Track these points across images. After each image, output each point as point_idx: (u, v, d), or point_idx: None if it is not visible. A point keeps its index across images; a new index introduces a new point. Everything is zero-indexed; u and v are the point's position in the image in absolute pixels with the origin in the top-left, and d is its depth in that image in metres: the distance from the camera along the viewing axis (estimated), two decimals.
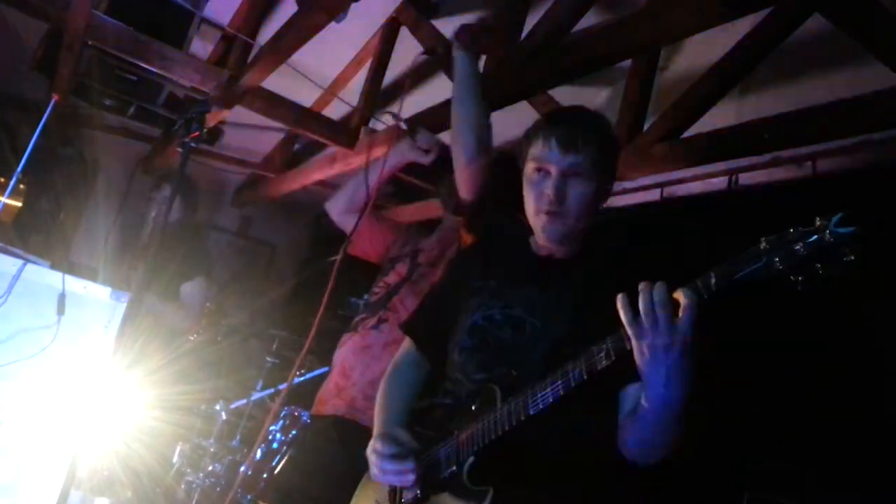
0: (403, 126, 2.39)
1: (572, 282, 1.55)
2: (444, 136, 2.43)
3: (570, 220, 1.54)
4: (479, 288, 1.69)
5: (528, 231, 1.66)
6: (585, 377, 1.28)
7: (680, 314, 1.17)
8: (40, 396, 2.33)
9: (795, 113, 2.39)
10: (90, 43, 3.48)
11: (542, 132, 1.57)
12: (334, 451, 2.21)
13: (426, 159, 2.37)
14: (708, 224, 3.11)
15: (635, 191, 3.58)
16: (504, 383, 1.47)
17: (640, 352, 1.22)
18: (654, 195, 3.51)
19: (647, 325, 1.19)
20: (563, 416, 1.35)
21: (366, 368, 2.25)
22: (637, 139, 2.91)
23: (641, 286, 1.20)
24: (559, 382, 1.31)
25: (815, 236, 1.07)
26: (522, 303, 1.58)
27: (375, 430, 1.68)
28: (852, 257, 1.05)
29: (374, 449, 1.60)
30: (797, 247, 1.08)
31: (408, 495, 1.58)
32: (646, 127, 2.98)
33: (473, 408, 1.50)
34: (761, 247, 1.12)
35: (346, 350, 2.37)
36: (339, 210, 2.59)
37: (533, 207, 1.58)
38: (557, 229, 1.55)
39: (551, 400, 1.32)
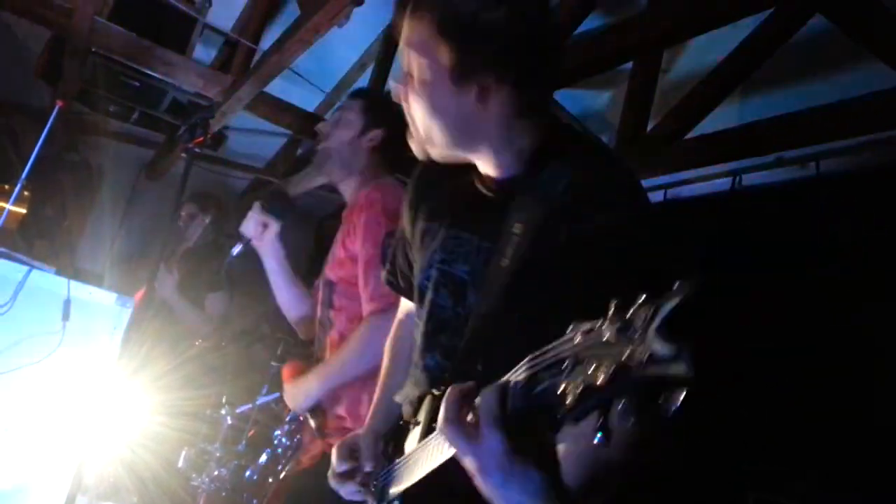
0: (235, 252, 2.35)
1: (510, 235, 1.11)
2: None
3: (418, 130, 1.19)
4: (424, 231, 1.33)
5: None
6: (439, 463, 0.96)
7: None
8: (46, 402, 2.34)
9: (798, 113, 2.39)
10: (94, 49, 3.50)
11: None
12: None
13: (274, 225, 2.30)
14: (711, 225, 3.11)
15: None
16: (433, 394, 1.15)
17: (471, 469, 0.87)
18: (657, 197, 3.52)
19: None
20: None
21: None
22: (640, 140, 2.91)
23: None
24: (434, 456, 0.99)
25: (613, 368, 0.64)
26: (464, 259, 1.22)
27: (365, 422, 1.46)
28: (672, 405, 0.62)
29: (331, 470, 1.39)
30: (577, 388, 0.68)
31: None
32: (649, 128, 2.98)
33: (411, 424, 1.22)
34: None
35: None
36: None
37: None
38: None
39: (436, 467, 0.99)
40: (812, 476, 2.47)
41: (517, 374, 0.80)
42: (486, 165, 1.21)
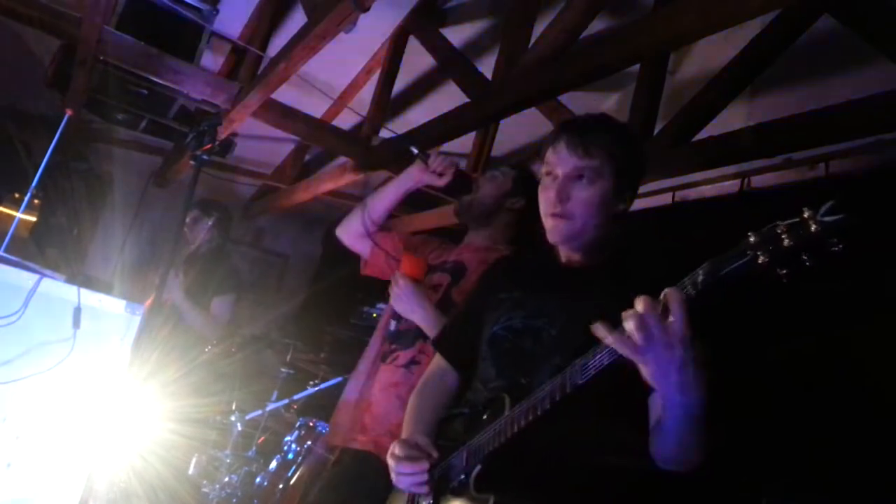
0: (415, 150, 2.39)
1: (593, 290, 1.53)
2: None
3: (576, 222, 1.54)
4: (503, 300, 1.71)
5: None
6: (581, 382, 1.28)
7: (670, 316, 1.16)
8: (57, 409, 2.34)
9: (807, 114, 2.37)
10: (102, 58, 3.52)
11: (553, 137, 1.59)
12: (359, 486, 2.18)
13: (440, 182, 2.37)
14: (720, 227, 3.09)
15: (646, 195, 3.58)
16: (514, 392, 1.48)
17: (644, 366, 1.22)
18: (665, 199, 3.50)
19: (641, 340, 1.17)
20: (568, 423, 1.37)
21: (394, 410, 2.20)
22: (647, 143, 2.91)
23: (624, 314, 1.20)
24: (557, 388, 1.32)
25: (802, 227, 1.05)
26: (542, 312, 1.59)
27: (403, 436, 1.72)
28: (840, 246, 1.03)
29: (391, 453, 1.63)
30: (783, 239, 1.06)
31: (422, 503, 1.61)
32: (656, 131, 2.98)
33: (485, 416, 1.52)
34: (749, 241, 1.10)
35: (372, 384, 2.32)
36: (352, 235, 2.56)
37: (542, 211, 1.59)
38: (561, 231, 1.55)
39: (548, 406, 1.33)
40: (827, 483, 2.45)
41: (694, 277, 1.15)
42: (578, 249, 1.60)
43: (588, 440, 1.43)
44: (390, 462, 1.63)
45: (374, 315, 2.65)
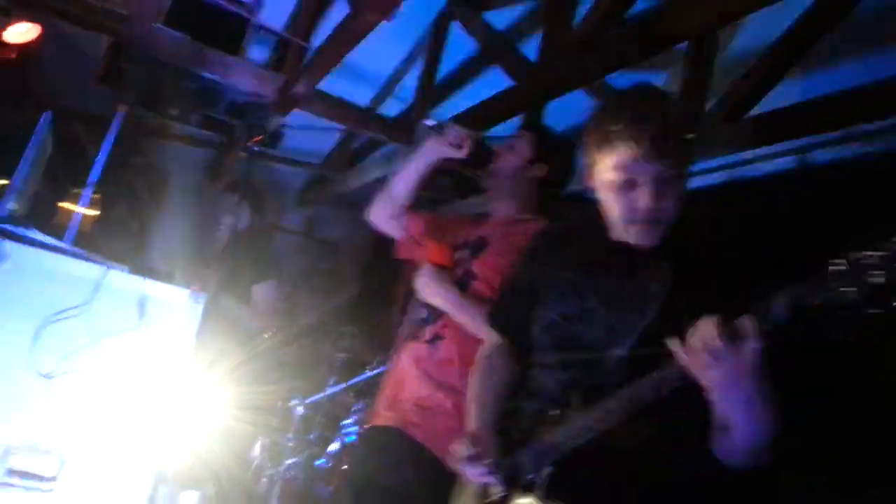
0: (428, 123, 2.35)
1: (652, 273, 1.47)
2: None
3: (664, 224, 1.48)
4: (554, 280, 1.65)
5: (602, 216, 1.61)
6: (652, 399, 1.28)
7: (743, 344, 1.15)
8: (126, 396, 2.44)
9: (866, 86, 2.31)
10: (152, 54, 3.60)
11: (625, 134, 1.43)
12: (384, 461, 2.19)
13: (459, 153, 2.32)
14: (779, 205, 3.02)
15: (699, 174, 3.51)
16: (582, 389, 1.46)
17: (710, 385, 1.21)
18: (719, 178, 3.44)
19: (709, 363, 1.17)
20: (640, 431, 1.34)
21: (419, 383, 2.21)
22: (698, 121, 2.86)
23: (691, 332, 1.20)
24: (626, 401, 1.31)
25: None
26: (598, 296, 1.54)
27: (468, 429, 1.71)
28: None
29: (458, 451, 1.61)
30: (876, 273, 0.96)
31: (493, 496, 1.60)
32: (707, 108, 2.92)
33: (553, 414, 1.50)
34: (835, 270, 1.03)
35: (402, 359, 2.34)
36: (381, 217, 2.53)
37: (622, 217, 1.49)
38: (654, 236, 1.48)
39: (620, 418, 1.32)
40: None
41: (772, 300, 1.12)
42: (640, 235, 1.50)
43: (661, 448, 1.39)
44: (457, 459, 1.61)
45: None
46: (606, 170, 1.48)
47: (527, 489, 1.51)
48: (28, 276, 2.35)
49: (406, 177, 2.42)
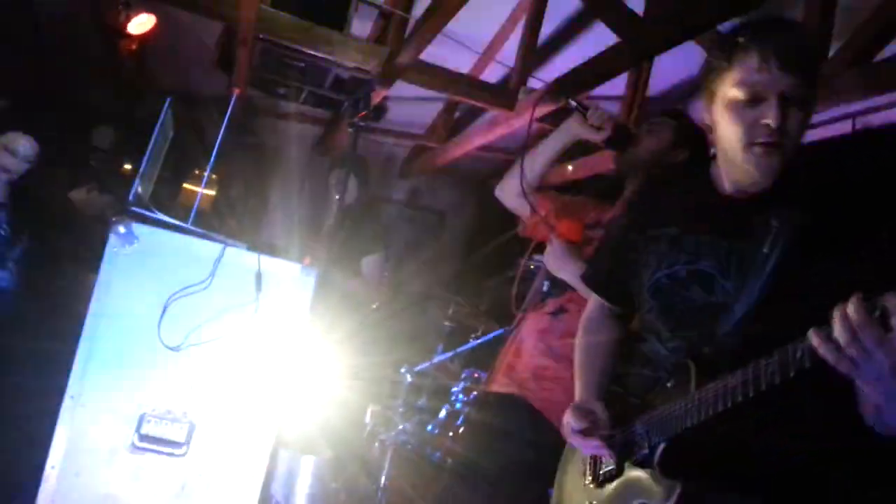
0: (573, 103, 2.32)
1: (767, 228, 1.33)
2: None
3: (788, 153, 1.31)
4: (658, 237, 1.53)
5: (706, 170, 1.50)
6: (779, 382, 1.11)
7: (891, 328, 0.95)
8: (247, 366, 2.56)
9: None
10: (261, 36, 3.71)
11: (750, 47, 1.30)
12: (501, 426, 2.22)
13: (598, 136, 2.29)
14: None
15: (822, 124, 3.28)
16: (698, 360, 1.36)
17: (861, 386, 1.06)
18: (844, 127, 3.19)
19: (854, 353, 0.98)
20: (765, 410, 1.23)
21: (539, 354, 2.22)
22: (822, 66, 2.65)
23: (835, 314, 1.00)
24: (750, 382, 1.16)
25: None
26: (709, 255, 1.41)
27: (577, 396, 1.67)
28: None
29: (565, 422, 1.59)
30: None
31: (605, 467, 1.57)
32: (831, 53, 2.71)
33: (669, 385, 1.43)
34: None
35: (523, 329, 2.36)
36: (510, 195, 2.53)
37: (742, 139, 1.33)
38: (774, 164, 1.32)
39: (741, 399, 1.18)
40: None
41: None
42: (759, 162, 1.34)
43: (784, 429, 1.28)
44: (565, 430, 1.60)
45: (532, 267, 2.65)
46: (729, 88, 1.34)
47: (639, 464, 1.46)
48: (155, 256, 2.51)
49: (542, 156, 2.44)
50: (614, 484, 1.53)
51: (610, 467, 1.55)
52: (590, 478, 1.61)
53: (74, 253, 3.14)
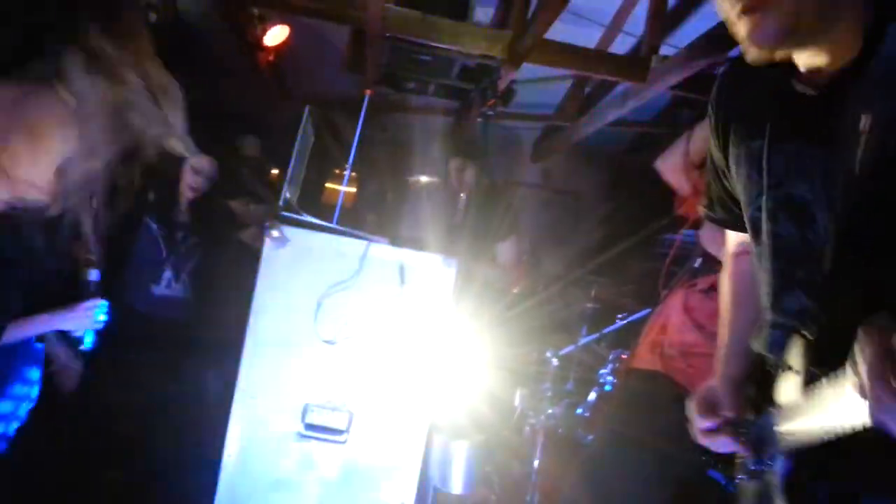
0: None
1: (856, 126, 0.96)
2: None
3: (784, 5, 0.97)
4: (738, 156, 1.20)
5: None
6: None
7: None
8: (398, 356, 2.66)
9: None
10: (387, 35, 3.80)
11: None
12: (647, 403, 2.18)
13: None
14: None
15: None
16: (808, 337, 1.04)
17: None
18: None
19: None
20: None
21: (687, 330, 2.16)
22: None
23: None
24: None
25: None
26: (798, 175, 1.07)
27: (716, 370, 1.45)
28: None
29: (688, 415, 1.39)
30: None
31: (741, 458, 1.35)
32: None
33: (781, 367, 1.12)
34: None
35: (670, 305, 2.30)
36: (671, 170, 2.48)
37: (726, 18, 1.05)
38: (767, 31, 0.99)
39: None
40: None
41: None
42: (817, 54, 1.02)
43: None
44: (693, 429, 1.41)
45: (683, 244, 2.58)
46: None
47: (764, 467, 1.19)
48: (306, 256, 2.65)
49: (704, 131, 2.36)
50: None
51: (747, 460, 1.30)
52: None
53: (237, 259, 3.36)
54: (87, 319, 2.37)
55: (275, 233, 2.58)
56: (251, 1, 3.85)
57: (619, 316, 3.71)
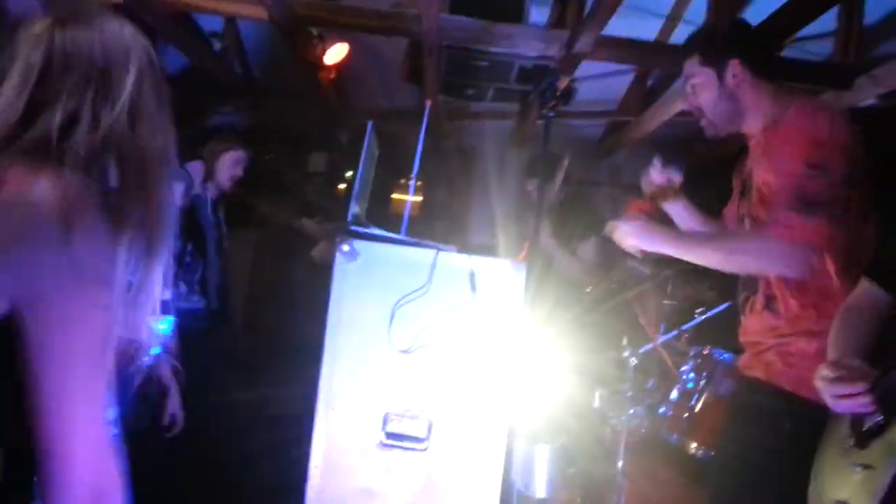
0: None
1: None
2: None
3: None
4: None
5: None
6: None
7: None
8: (474, 363, 2.66)
9: None
10: (444, 44, 3.84)
11: None
12: (755, 415, 2.10)
13: None
14: None
15: None
16: None
17: None
18: None
19: None
20: None
21: (781, 344, 2.08)
22: None
23: None
24: None
25: None
26: None
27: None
28: None
29: (821, 376, 1.51)
30: None
31: (870, 422, 1.44)
32: None
33: None
34: None
35: (748, 325, 2.25)
36: None
37: None
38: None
39: None
40: None
41: None
42: None
43: None
44: (819, 385, 1.50)
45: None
46: None
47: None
48: (376, 268, 2.69)
49: None
50: (879, 441, 1.39)
51: (876, 419, 1.41)
52: (852, 439, 1.48)
53: (309, 274, 3.44)
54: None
55: (345, 247, 2.63)
56: (310, 22, 3.94)
57: (698, 311, 3.61)
